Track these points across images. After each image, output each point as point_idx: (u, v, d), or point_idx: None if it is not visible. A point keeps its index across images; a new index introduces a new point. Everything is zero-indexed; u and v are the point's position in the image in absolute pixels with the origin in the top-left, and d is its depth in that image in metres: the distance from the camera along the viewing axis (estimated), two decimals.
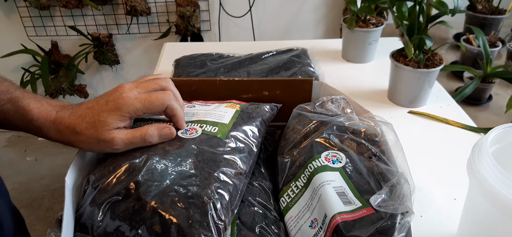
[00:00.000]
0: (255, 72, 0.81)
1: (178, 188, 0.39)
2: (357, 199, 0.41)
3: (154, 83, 0.46)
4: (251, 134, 0.49)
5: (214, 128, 0.48)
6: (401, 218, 0.37)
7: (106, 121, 0.42)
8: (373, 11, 0.93)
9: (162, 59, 1.02)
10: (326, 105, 0.54)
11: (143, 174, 0.40)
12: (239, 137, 0.47)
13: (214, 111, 0.52)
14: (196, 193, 0.38)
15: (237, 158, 0.44)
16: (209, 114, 0.51)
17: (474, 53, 1.14)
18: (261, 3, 1.84)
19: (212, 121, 0.49)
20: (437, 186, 0.60)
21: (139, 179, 0.39)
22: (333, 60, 1.01)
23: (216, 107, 0.53)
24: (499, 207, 0.37)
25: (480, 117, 1.00)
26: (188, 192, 0.38)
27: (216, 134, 0.47)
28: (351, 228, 0.38)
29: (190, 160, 0.42)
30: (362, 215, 0.39)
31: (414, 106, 0.80)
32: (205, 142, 0.45)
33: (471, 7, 1.35)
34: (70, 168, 0.42)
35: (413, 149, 0.69)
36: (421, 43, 0.75)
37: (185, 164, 0.42)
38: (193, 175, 0.40)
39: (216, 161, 0.43)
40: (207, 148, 0.44)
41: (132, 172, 0.40)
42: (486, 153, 0.38)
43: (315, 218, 0.42)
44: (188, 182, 0.39)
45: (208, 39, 1.92)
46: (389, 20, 1.12)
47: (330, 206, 0.40)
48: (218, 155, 0.44)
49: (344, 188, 0.42)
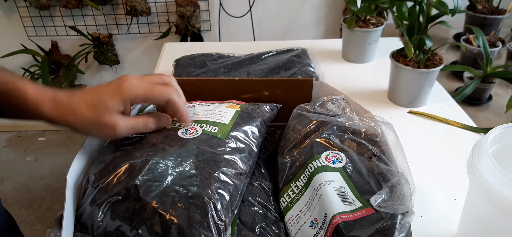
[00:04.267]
0: (255, 72, 0.81)
1: (178, 188, 0.39)
2: (358, 199, 0.41)
3: (158, 77, 0.47)
4: (251, 134, 0.49)
5: (215, 128, 0.48)
6: (401, 218, 0.37)
7: (107, 104, 0.42)
8: (373, 11, 0.93)
9: (162, 59, 1.02)
10: (326, 105, 0.54)
11: (143, 174, 0.40)
12: (239, 137, 0.48)
13: (214, 111, 0.52)
14: (197, 193, 0.38)
15: (237, 158, 0.44)
16: (209, 114, 0.51)
17: (474, 53, 1.14)
18: (261, 3, 1.84)
19: (212, 121, 0.49)
20: (437, 186, 0.60)
21: (140, 179, 0.39)
22: (333, 60, 1.01)
23: (216, 107, 0.53)
24: (499, 207, 0.37)
25: (480, 117, 1.00)
26: (189, 192, 0.38)
27: (216, 134, 0.47)
28: (351, 228, 0.38)
29: (190, 160, 0.42)
30: (363, 215, 0.39)
31: (414, 106, 0.80)
32: (205, 142, 0.45)
33: (471, 7, 1.35)
34: (71, 166, 0.42)
35: (413, 149, 0.69)
36: (421, 43, 0.75)
37: (186, 164, 0.42)
38: (194, 175, 0.40)
39: (217, 161, 0.43)
40: (207, 148, 0.44)
41: (132, 172, 0.40)
42: (486, 153, 0.38)
43: (315, 218, 0.42)
44: (189, 182, 0.39)
45: (208, 39, 1.92)
46: (389, 20, 1.12)
47: (330, 206, 0.40)
48: (218, 155, 0.44)
49: (344, 188, 0.42)
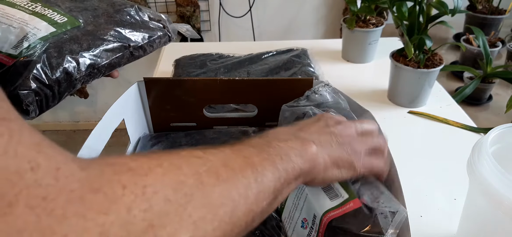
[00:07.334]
0: (255, 72, 0.81)
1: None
2: (344, 190, 0.39)
3: (375, 140, 0.41)
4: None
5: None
6: (391, 214, 0.36)
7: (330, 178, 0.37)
8: (373, 11, 0.93)
9: (162, 59, 1.02)
10: (311, 97, 0.54)
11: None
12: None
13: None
14: None
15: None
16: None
17: (474, 53, 1.14)
18: (261, 3, 1.84)
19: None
20: (437, 186, 0.60)
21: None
22: (333, 60, 1.01)
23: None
24: (499, 207, 0.37)
25: (480, 117, 1.00)
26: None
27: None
28: (341, 221, 0.37)
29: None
30: (350, 208, 0.38)
31: (414, 106, 0.80)
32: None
33: (471, 7, 1.35)
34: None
35: (413, 149, 0.69)
36: (421, 43, 0.75)
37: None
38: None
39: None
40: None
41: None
42: (486, 153, 0.38)
43: (304, 218, 0.41)
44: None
45: (208, 39, 1.92)
46: (389, 20, 1.12)
47: (317, 205, 0.39)
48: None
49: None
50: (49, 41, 0.42)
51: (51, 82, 0.41)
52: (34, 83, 0.39)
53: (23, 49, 0.41)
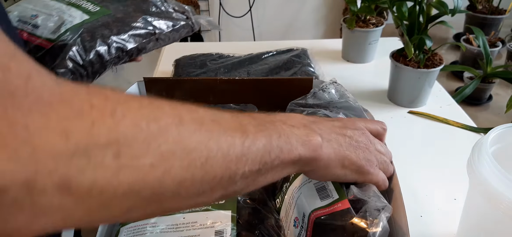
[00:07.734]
0: (255, 72, 0.81)
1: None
2: (336, 191, 0.39)
3: (388, 162, 0.41)
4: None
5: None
6: (376, 212, 0.35)
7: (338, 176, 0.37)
8: (373, 11, 0.93)
9: (162, 59, 1.02)
10: (317, 95, 0.53)
11: None
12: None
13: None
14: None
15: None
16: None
17: (474, 53, 1.14)
18: (261, 3, 1.84)
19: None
20: (437, 186, 0.60)
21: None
22: (333, 60, 1.01)
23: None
24: (499, 207, 0.37)
25: (480, 117, 1.01)
26: None
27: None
28: (326, 218, 0.37)
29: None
30: (338, 209, 0.37)
31: (414, 106, 0.80)
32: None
33: (471, 7, 1.35)
34: None
35: (413, 149, 0.69)
36: (421, 43, 0.75)
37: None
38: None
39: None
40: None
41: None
42: (486, 153, 0.38)
43: (296, 217, 0.41)
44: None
45: (208, 39, 1.92)
46: (389, 20, 1.12)
47: (308, 203, 0.40)
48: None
49: (325, 182, 0.41)
50: (83, 27, 0.49)
51: (85, 63, 0.47)
52: (70, 63, 0.46)
53: (60, 34, 0.48)
